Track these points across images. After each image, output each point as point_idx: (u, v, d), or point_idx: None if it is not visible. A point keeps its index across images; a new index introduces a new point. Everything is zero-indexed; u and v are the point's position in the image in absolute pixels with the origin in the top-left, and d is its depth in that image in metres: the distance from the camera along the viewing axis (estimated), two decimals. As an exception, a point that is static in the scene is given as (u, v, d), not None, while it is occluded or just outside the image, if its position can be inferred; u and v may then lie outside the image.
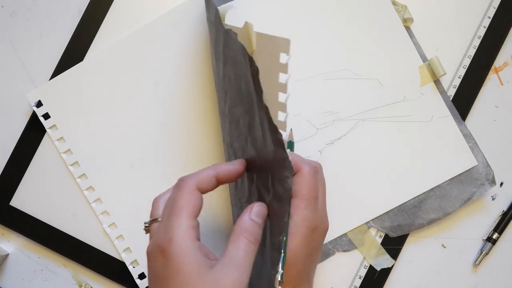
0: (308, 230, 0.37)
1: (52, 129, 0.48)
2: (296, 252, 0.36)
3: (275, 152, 0.33)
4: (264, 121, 0.33)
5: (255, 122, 0.35)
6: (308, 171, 0.38)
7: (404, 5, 0.49)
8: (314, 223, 0.37)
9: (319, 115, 0.48)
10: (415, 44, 0.49)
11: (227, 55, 0.39)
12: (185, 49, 0.48)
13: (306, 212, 0.37)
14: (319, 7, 0.49)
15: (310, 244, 0.37)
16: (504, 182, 0.50)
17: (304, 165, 0.38)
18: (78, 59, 0.49)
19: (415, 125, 0.48)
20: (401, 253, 0.48)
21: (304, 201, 0.37)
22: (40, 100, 0.48)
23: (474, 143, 0.48)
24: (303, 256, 0.37)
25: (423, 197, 0.48)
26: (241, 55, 0.35)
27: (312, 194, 0.37)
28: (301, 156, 0.40)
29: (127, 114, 0.48)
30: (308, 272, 0.39)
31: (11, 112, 0.49)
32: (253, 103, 0.34)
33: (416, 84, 0.49)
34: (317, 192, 0.38)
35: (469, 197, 0.48)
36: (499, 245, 0.49)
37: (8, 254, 0.49)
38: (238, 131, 0.39)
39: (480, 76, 0.50)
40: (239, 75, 0.36)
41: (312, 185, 0.37)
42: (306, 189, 0.37)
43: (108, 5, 0.49)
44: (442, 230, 0.49)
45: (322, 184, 0.40)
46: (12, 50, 0.50)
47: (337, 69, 0.49)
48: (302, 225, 0.37)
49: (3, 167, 0.49)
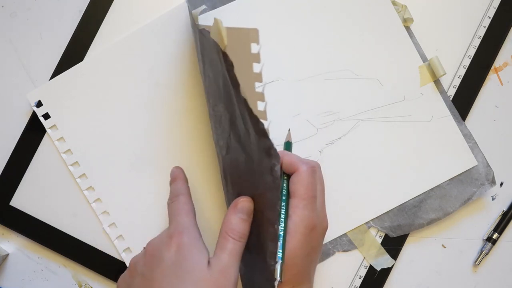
0: (306, 229, 0.37)
1: (52, 129, 0.48)
2: (295, 252, 0.36)
3: (259, 142, 0.33)
4: (245, 113, 0.33)
5: (236, 117, 0.35)
6: (306, 171, 0.38)
7: (404, 5, 0.49)
8: (312, 222, 0.37)
9: (319, 115, 0.48)
10: (415, 44, 0.49)
11: (204, 55, 0.39)
12: (185, 49, 0.48)
13: (305, 211, 0.37)
14: (320, 7, 0.49)
15: (309, 243, 0.37)
16: (504, 182, 0.50)
17: (301, 164, 0.38)
18: (78, 59, 0.49)
19: (415, 125, 0.48)
20: (401, 253, 0.48)
21: (302, 201, 0.37)
22: (40, 100, 0.48)
23: (474, 143, 0.48)
24: (302, 256, 0.37)
25: (423, 197, 0.48)
26: (215, 52, 0.35)
27: (310, 193, 0.37)
28: (299, 156, 0.41)
29: (127, 114, 0.48)
30: (308, 271, 0.39)
31: (11, 112, 0.49)
32: (232, 98, 0.35)
33: (416, 84, 0.49)
34: (315, 191, 0.38)
35: (469, 197, 0.48)
36: (499, 245, 0.49)
37: (8, 254, 0.49)
38: (221, 128, 0.39)
39: (480, 76, 0.50)
40: (216, 73, 0.37)
41: (310, 185, 0.38)
42: (304, 189, 0.37)
43: (108, 5, 0.49)
44: (442, 230, 0.49)
45: (320, 183, 0.40)
46: (12, 50, 0.50)
47: (337, 69, 0.49)
48: (301, 224, 0.37)
49: (3, 167, 0.49)
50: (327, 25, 0.49)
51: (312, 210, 0.37)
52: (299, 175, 0.38)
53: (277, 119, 0.48)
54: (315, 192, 0.38)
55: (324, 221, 0.40)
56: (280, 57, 0.48)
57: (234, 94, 0.34)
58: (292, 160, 0.39)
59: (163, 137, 0.48)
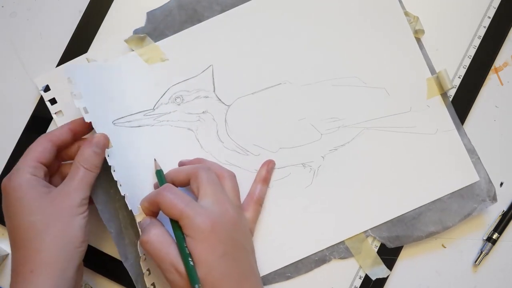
0: (204, 232, 0.38)
1: (58, 114, 0.48)
2: (206, 257, 0.38)
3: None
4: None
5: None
6: (166, 194, 0.40)
7: (416, 16, 0.49)
8: (208, 222, 0.38)
9: (324, 120, 0.48)
10: (425, 56, 0.49)
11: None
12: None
13: (193, 220, 0.38)
14: (333, 13, 0.49)
15: (218, 242, 0.38)
16: (504, 182, 0.50)
17: (161, 192, 0.40)
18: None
19: (419, 137, 0.48)
20: (401, 253, 0.48)
21: (181, 221, 0.38)
22: (48, 85, 0.48)
23: (477, 158, 0.48)
24: (217, 257, 0.38)
25: (423, 209, 0.47)
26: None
27: (179, 208, 0.38)
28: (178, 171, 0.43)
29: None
30: (241, 269, 0.39)
31: (11, 112, 0.49)
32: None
33: (423, 96, 0.48)
34: (187, 202, 0.39)
35: (470, 212, 0.47)
36: (499, 245, 0.49)
37: (8, 254, 0.49)
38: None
39: (480, 76, 0.50)
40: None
41: (174, 203, 0.39)
42: (174, 211, 0.39)
43: (108, 5, 0.50)
44: (442, 233, 0.48)
45: (207, 184, 0.41)
46: (12, 50, 0.50)
47: (345, 75, 0.48)
48: (197, 232, 0.38)
49: (3, 166, 0.49)
50: (338, 32, 0.49)
51: (199, 214, 0.38)
52: (162, 204, 0.39)
53: (282, 122, 0.48)
54: (186, 202, 0.39)
55: (226, 213, 0.40)
56: (289, 60, 0.48)
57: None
58: (153, 194, 0.41)
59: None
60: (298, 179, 0.48)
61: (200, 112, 0.48)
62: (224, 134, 0.48)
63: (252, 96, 0.48)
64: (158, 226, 0.40)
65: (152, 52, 0.48)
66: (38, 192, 0.40)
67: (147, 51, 0.48)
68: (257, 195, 0.46)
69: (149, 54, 0.48)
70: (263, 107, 0.48)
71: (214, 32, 0.48)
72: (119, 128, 0.45)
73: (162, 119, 0.47)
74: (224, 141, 0.47)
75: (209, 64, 0.48)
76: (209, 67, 0.48)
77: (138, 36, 0.48)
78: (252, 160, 0.47)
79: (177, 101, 0.47)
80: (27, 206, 0.39)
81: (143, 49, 0.48)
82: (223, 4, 0.49)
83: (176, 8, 0.48)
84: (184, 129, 0.47)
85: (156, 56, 0.48)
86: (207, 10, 0.49)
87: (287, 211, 0.47)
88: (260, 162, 0.47)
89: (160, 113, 0.47)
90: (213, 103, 0.48)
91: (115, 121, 0.45)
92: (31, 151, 0.42)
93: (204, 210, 0.39)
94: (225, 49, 0.48)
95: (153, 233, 0.39)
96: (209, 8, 0.48)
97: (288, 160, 0.48)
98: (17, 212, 0.40)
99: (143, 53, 0.48)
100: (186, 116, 0.47)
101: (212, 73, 0.48)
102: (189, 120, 0.47)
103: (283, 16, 0.49)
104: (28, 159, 0.41)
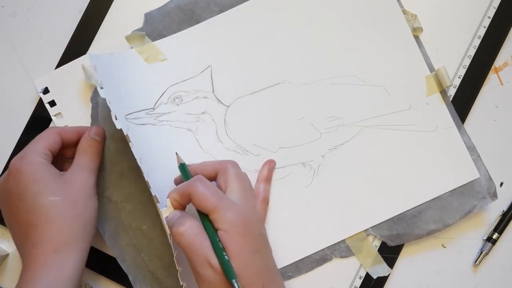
0: (238, 227, 0.38)
1: (58, 116, 0.48)
2: (240, 252, 0.37)
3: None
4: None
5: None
6: (198, 185, 0.39)
7: (414, 14, 0.49)
8: (241, 217, 0.38)
9: (323, 119, 0.48)
10: (423, 54, 0.49)
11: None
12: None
13: (227, 213, 0.38)
14: (330, 12, 0.49)
15: (251, 238, 0.38)
16: (504, 182, 0.49)
17: (193, 184, 0.39)
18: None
19: (419, 134, 0.48)
20: (401, 253, 0.48)
21: (213, 214, 0.38)
22: (47, 87, 0.48)
23: (477, 155, 0.48)
24: (249, 253, 0.38)
25: (423, 207, 0.47)
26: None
27: (212, 201, 0.38)
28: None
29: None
30: (269, 267, 0.39)
31: (11, 112, 0.49)
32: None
33: (423, 93, 0.48)
34: (219, 196, 0.39)
35: (470, 209, 0.47)
36: (499, 245, 0.49)
37: (8, 254, 0.49)
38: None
39: (480, 76, 0.50)
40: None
41: (207, 196, 0.38)
42: (207, 204, 0.38)
43: (108, 5, 0.50)
44: (442, 230, 0.48)
45: (235, 179, 0.41)
46: (12, 50, 0.50)
47: (344, 74, 0.48)
48: (231, 227, 0.38)
49: (3, 166, 0.49)
50: (337, 31, 0.49)
51: (228, 209, 0.38)
52: (195, 196, 0.39)
53: (282, 122, 0.48)
54: (219, 196, 0.39)
55: (254, 209, 0.41)
56: (287, 59, 0.48)
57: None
58: (186, 185, 0.40)
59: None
60: (298, 179, 0.48)
61: (199, 113, 0.48)
62: (224, 135, 0.48)
63: (251, 96, 0.48)
64: (192, 218, 0.39)
65: (151, 51, 0.48)
66: (54, 174, 0.41)
67: (146, 50, 0.48)
68: (262, 194, 0.46)
69: (148, 53, 0.48)
70: (262, 107, 0.48)
71: (212, 33, 0.48)
72: (130, 124, 0.45)
73: (162, 119, 0.47)
74: (223, 141, 0.48)
75: (207, 64, 0.48)
76: (208, 68, 0.48)
77: (139, 34, 0.48)
78: (252, 160, 0.48)
79: (176, 101, 0.47)
80: (47, 186, 0.40)
81: (142, 47, 0.48)
82: (221, 5, 0.49)
83: (174, 9, 0.48)
84: (184, 129, 0.47)
85: (155, 56, 0.48)
86: (205, 11, 0.49)
87: (287, 210, 0.47)
88: (260, 162, 0.47)
89: (160, 113, 0.47)
90: (212, 103, 0.48)
91: (126, 115, 0.45)
92: (42, 138, 0.43)
93: (236, 205, 0.39)
94: (224, 50, 0.48)
95: (188, 225, 0.38)
96: (207, 9, 0.49)
97: (288, 159, 0.48)
98: (36, 192, 0.40)
99: (142, 51, 0.48)
100: (185, 116, 0.47)
101: (211, 74, 0.48)
102: (188, 121, 0.47)
103: (281, 15, 0.49)
104: (39, 145, 0.42)
